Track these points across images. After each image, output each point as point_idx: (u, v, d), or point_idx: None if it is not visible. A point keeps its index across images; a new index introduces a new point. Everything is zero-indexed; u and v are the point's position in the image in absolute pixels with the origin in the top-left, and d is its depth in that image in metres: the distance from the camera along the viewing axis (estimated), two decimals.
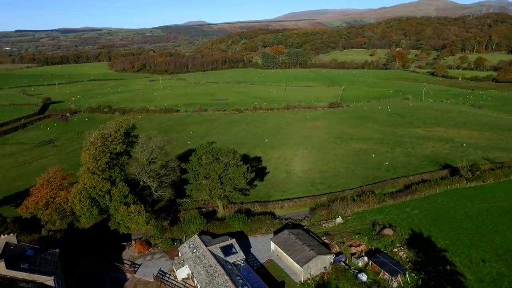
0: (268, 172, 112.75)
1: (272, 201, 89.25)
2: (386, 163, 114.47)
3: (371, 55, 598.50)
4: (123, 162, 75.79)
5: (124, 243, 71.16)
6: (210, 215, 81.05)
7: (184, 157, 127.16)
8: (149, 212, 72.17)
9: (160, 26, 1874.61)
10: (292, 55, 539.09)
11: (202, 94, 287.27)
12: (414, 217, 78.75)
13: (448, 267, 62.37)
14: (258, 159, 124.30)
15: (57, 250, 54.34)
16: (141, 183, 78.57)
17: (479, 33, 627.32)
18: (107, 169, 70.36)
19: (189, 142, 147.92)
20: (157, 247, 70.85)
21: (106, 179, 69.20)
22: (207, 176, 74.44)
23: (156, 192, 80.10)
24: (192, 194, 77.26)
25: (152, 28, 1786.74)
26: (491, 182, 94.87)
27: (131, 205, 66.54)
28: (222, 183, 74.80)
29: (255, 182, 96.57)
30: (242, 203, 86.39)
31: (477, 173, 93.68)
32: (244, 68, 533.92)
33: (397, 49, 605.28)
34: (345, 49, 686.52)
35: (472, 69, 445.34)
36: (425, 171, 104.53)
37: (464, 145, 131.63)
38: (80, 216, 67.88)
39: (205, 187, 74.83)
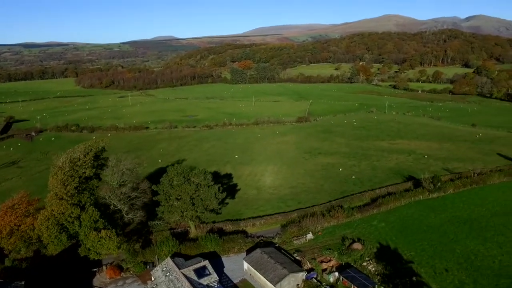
0: (239, 189, 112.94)
1: (244, 219, 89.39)
2: (353, 176, 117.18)
3: (336, 69, 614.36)
4: (93, 186, 74.06)
5: (94, 269, 69.03)
6: (182, 236, 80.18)
7: (155, 175, 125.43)
8: (120, 236, 70.64)
9: (128, 41, 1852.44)
10: (260, 70, 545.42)
11: (172, 110, 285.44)
12: (381, 230, 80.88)
13: (414, 278, 64.26)
14: (229, 176, 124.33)
15: (23, 283, 52.07)
16: (111, 206, 76.88)
17: (436, 47, 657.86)
18: (76, 194, 68.48)
19: (159, 160, 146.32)
20: (129, 271, 69.13)
21: (75, 204, 67.32)
22: (179, 197, 73.88)
23: (127, 215, 78.53)
24: (163, 216, 76.35)
25: (120, 43, 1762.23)
26: (451, 193, 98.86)
27: (102, 230, 64.91)
28: (193, 204, 74.40)
29: (227, 200, 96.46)
30: (214, 222, 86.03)
31: (438, 184, 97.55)
32: (213, 84, 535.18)
33: (361, 63, 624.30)
34: (311, 63, 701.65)
35: (430, 82, 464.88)
36: (390, 184, 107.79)
37: (426, 156, 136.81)
38: (48, 243, 65.49)
39: (177, 208, 74.20)
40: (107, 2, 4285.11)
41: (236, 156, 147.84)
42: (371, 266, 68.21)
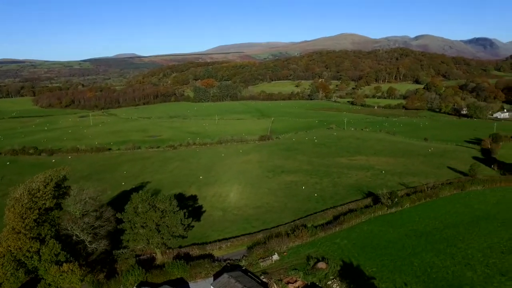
0: (204, 211, 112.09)
1: (210, 242, 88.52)
2: (316, 194, 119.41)
3: (296, 86, 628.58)
4: (54, 217, 71.02)
5: None
6: (148, 263, 78.20)
7: (118, 199, 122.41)
8: (84, 267, 67.94)
9: (89, 59, 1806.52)
10: (222, 88, 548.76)
11: (135, 130, 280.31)
12: (344, 248, 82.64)
13: None
14: (194, 198, 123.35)
15: None
16: (73, 237, 73.93)
17: (389, 65, 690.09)
18: (35, 226, 65.31)
19: (123, 183, 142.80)
20: None
21: (34, 238, 64.12)
22: (144, 225, 72.37)
23: (90, 245, 75.68)
24: (129, 245, 74.37)
25: (81, 60, 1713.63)
26: (408, 207, 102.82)
27: (64, 263, 62.16)
28: (159, 231, 73.09)
29: (192, 223, 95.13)
30: (180, 247, 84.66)
31: (396, 200, 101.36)
32: (176, 102, 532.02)
33: (320, 80, 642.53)
34: (272, 80, 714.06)
35: (385, 98, 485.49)
36: (351, 200, 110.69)
37: (383, 172, 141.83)
38: (3, 282, 61.68)
39: (142, 236, 72.57)
40: (66, 17, 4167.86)
41: (201, 177, 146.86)
42: (335, 284, 69.39)
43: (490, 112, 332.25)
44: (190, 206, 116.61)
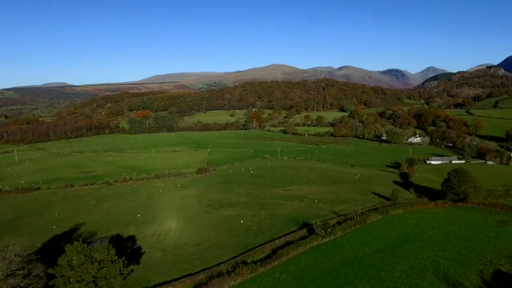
0: (143, 253, 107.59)
1: (151, 287, 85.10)
2: (254, 228, 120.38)
3: (231, 115, 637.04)
4: None
5: None
6: None
7: (50, 246, 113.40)
8: None
9: (13, 87, 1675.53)
10: (158, 120, 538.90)
11: (67, 166, 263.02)
12: (283, 282, 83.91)
13: None
14: (132, 239, 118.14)
15: None
16: None
17: (317, 94, 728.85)
18: None
19: (54, 226, 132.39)
20: None
21: None
22: (80, 279, 67.69)
23: None
24: None
25: (3, 89, 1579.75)
26: (340, 235, 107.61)
27: None
28: (96, 284, 68.79)
29: (131, 267, 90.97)
30: None
31: (328, 230, 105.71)
32: (111, 134, 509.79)
33: (253, 109, 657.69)
34: (208, 110, 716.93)
35: (314, 126, 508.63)
36: (288, 232, 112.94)
37: (316, 201, 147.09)
38: None
39: None
40: None
41: (139, 215, 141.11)
42: None
43: (405, 138, 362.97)
44: (129, 248, 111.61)
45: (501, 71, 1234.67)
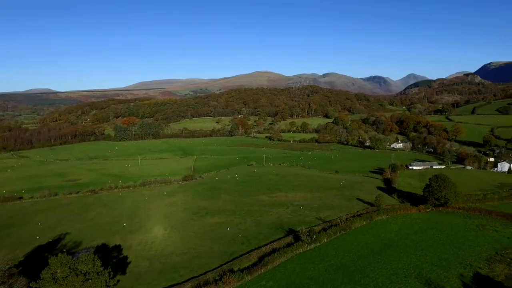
0: (130, 262, 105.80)
1: None
2: (240, 235, 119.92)
3: (217, 122, 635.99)
4: None
5: None
6: None
7: (33, 257, 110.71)
8: None
9: None
10: (144, 127, 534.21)
11: (51, 174, 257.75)
12: None
13: None
14: (118, 248, 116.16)
15: None
16: None
17: (301, 101, 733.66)
18: None
19: (37, 237, 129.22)
20: None
21: None
22: None
23: None
24: None
25: None
26: (325, 242, 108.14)
27: None
28: None
29: (118, 277, 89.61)
30: None
31: (314, 236, 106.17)
32: (96, 141, 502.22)
33: (239, 116, 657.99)
34: (194, 117, 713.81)
35: (299, 132, 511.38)
36: (274, 239, 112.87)
37: (301, 207, 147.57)
38: None
39: None
40: None
41: (125, 224, 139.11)
42: None
43: (388, 143, 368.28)
44: (115, 258, 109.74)
45: (478, 79, 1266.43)
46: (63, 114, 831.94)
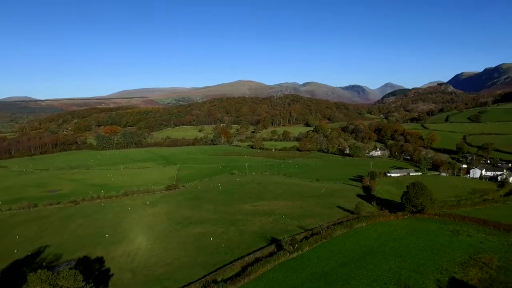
0: (112, 275, 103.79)
1: None
2: (223, 245, 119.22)
3: (200, 131, 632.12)
4: None
5: None
6: None
7: (10, 272, 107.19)
8: None
9: None
10: (127, 136, 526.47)
11: (31, 185, 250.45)
12: None
13: None
14: (100, 260, 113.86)
15: None
16: None
17: (283, 110, 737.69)
18: None
19: (15, 250, 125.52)
20: None
21: None
22: None
23: None
24: None
25: None
26: (307, 250, 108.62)
27: None
28: None
29: None
30: None
31: (296, 245, 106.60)
32: (78, 151, 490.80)
33: (222, 125, 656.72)
34: (176, 126, 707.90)
35: (281, 140, 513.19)
36: (257, 249, 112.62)
37: (283, 216, 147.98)
38: None
39: None
40: None
41: (107, 235, 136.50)
42: None
43: (367, 151, 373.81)
44: (97, 270, 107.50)
45: (451, 88, 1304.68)
46: (43, 123, 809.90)
